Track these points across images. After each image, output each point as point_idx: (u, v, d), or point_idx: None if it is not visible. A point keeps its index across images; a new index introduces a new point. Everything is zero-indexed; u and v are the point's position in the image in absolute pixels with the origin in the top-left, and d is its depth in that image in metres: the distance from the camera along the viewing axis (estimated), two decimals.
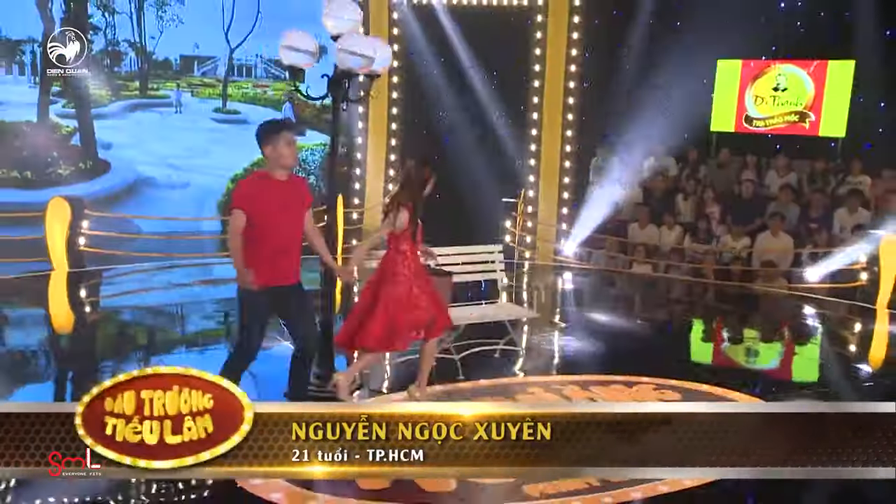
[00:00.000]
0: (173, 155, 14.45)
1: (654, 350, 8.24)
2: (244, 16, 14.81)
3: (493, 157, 15.20)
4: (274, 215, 4.99)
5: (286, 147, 5.13)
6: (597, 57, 14.47)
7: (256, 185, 5.12)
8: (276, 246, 5.04)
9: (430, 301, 5.55)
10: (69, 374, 6.88)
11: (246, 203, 4.97)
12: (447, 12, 15.30)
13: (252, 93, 15.38)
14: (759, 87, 13.79)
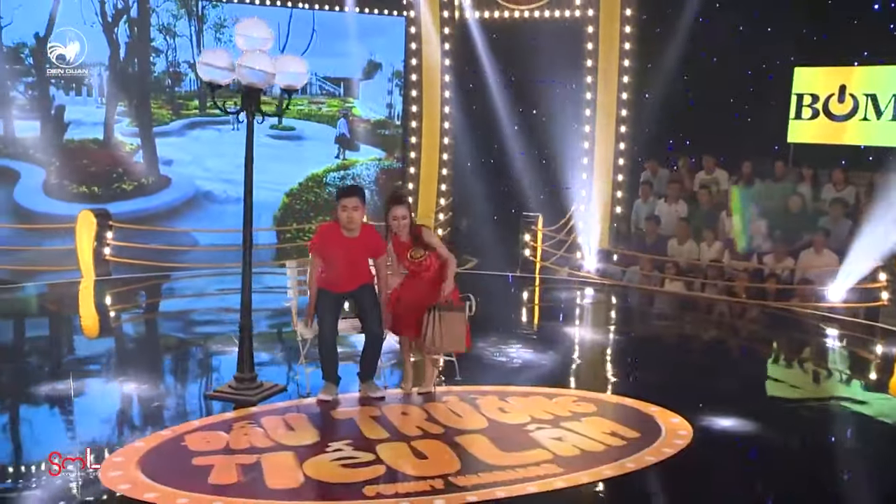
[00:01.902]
0: (230, 170, 14.92)
1: (614, 365, 8.42)
2: (299, 35, 15.26)
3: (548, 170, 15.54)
4: (338, 261, 6.26)
5: (343, 212, 6.23)
6: (657, 68, 14.35)
7: (327, 234, 6.36)
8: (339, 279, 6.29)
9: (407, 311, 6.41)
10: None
11: (318, 248, 6.35)
12: (500, 26, 15.73)
13: (307, 109, 15.83)
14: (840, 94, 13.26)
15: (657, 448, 5.53)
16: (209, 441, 5.45)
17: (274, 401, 6.33)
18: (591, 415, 6.15)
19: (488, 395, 6.62)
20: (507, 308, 11.12)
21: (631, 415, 6.22)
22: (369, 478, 4.94)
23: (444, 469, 5.09)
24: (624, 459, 5.32)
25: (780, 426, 6.26)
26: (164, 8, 14.60)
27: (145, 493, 4.70)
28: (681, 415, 6.14)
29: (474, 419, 6.02)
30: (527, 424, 5.90)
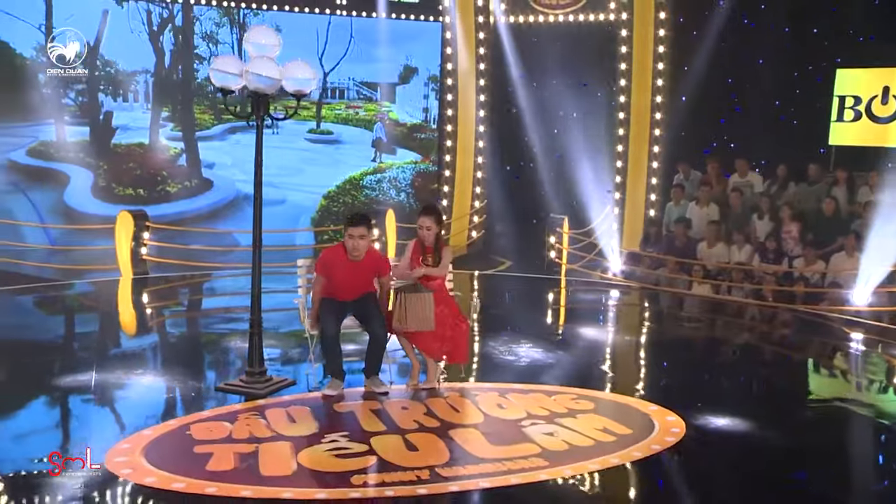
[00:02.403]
0: (270, 173, 14.97)
1: (621, 365, 8.45)
2: (337, 41, 15.60)
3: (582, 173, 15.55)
4: (342, 283, 6.52)
5: (349, 240, 6.46)
6: (694, 70, 14.24)
7: (331, 259, 6.55)
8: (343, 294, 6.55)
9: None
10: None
11: (322, 270, 6.55)
12: (534, 30, 15.81)
13: (344, 114, 16.13)
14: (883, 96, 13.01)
15: (646, 444, 5.60)
16: (213, 431, 5.69)
17: (283, 394, 6.58)
18: (587, 412, 6.23)
19: (490, 391, 6.76)
20: (525, 309, 11.28)
21: (627, 413, 6.30)
22: (359, 468, 5.11)
23: (433, 461, 5.24)
24: (610, 455, 5.40)
25: (775, 427, 6.23)
26: (207, 16, 15.08)
27: (145, 478, 4.95)
28: (678, 414, 6.19)
29: (471, 414, 6.17)
30: (521, 420, 6.01)
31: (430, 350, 6.61)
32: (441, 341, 6.62)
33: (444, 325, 6.63)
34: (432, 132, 16.49)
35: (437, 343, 6.61)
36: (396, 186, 16.37)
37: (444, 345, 6.65)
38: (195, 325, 10.38)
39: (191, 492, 4.78)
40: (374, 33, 15.65)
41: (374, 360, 6.60)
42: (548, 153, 15.51)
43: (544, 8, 15.63)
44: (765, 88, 13.77)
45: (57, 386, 6.81)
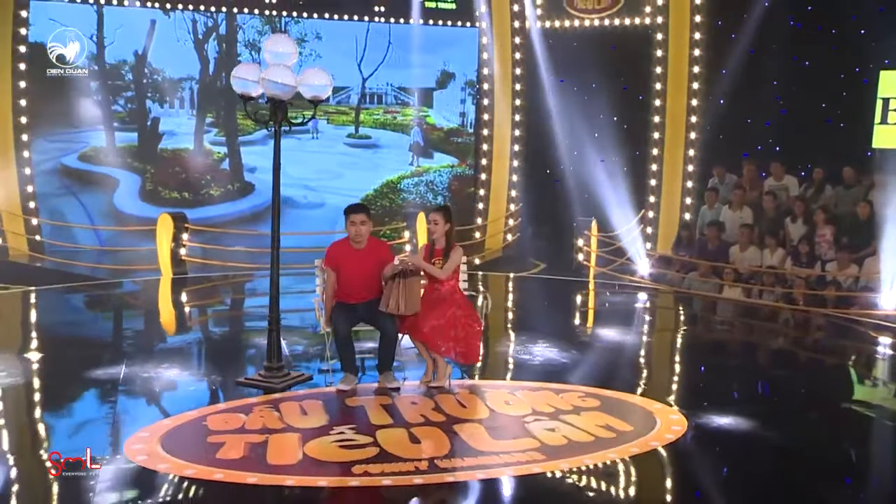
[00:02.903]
0: (309, 177, 15.68)
1: (637, 365, 8.45)
2: (375, 47, 15.89)
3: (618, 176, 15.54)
4: (350, 272, 6.77)
5: (351, 227, 6.80)
6: (733, 73, 14.14)
7: (338, 249, 6.88)
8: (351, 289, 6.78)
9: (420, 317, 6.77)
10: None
11: (330, 262, 6.85)
12: (570, 35, 15.87)
13: (382, 118, 16.39)
14: None
15: (645, 441, 5.68)
16: (227, 422, 5.93)
17: (299, 388, 6.81)
18: (592, 409, 6.33)
19: (499, 389, 6.91)
20: (546, 310, 11.42)
21: (631, 411, 6.37)
22: (361, 458, 5.29)
23: (434, 453, 5.40)
24: (608, 450, 5.50)
25: (777, 427, 6.23)
26: (249, 25, 15.51)
27: (158, 464, 5.20)
28: (682, 412, 6.26)
29: (478, 410, 6.31)
30: (526, 416, 6.14)
31: (439, 350, 6.76)
32: (454, 341, 6.76)
33: (455, 326, 6.77)
34: (469, 136, 16.66)
35: (447, 343, 6.75)
36: (433, 190, 16.58)
37: (456, 345, 6.78)
38: (225, 323, 10.76)
39: (199, 478, 5.01)
40: (412, 39, 15.91)
41: (386, 356, 6.79)
42: (589, 157, 15.51)
43: (580, 13, 15.69)
44: (810, 91, 13.60)
45: (89, 378, 7.13)
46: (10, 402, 6.56)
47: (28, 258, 13.93)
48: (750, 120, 14.13)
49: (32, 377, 7.35)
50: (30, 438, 5.92)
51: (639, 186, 15.19)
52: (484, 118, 16.33)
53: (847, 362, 9.29)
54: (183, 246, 12.75)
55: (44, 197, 14.58)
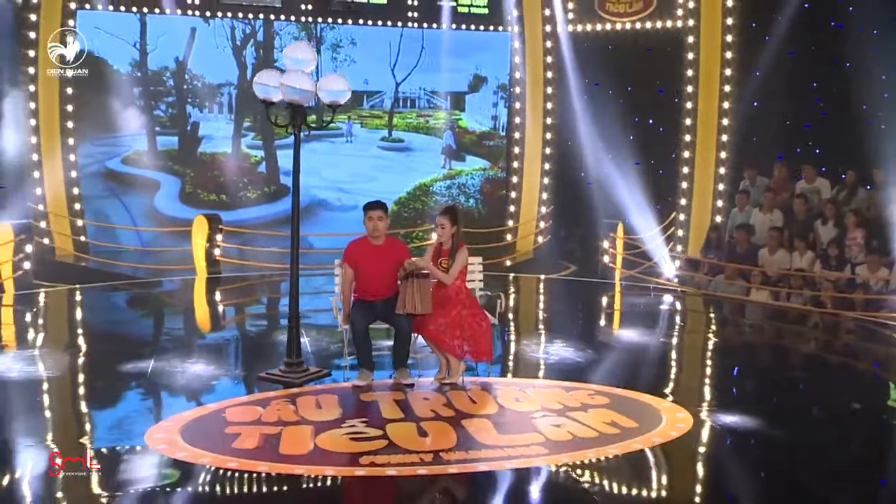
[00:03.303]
0: (343, 180, 15.97)
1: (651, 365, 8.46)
2: (409, 52, 16.12)
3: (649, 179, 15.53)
4: (368, 268, 6.97)
5: (369, 222, 7.04)
6: (767, 75, 14.01)
7: (356, 246, 7.09)
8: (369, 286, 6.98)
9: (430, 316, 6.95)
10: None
11: (348, 258, 7.03)
12: (601, 38, 15.92)
13: (415, 122, 16.60)
14: None
15: (648, 438, 5.78)
16: (245, 414, 6.16)
17: (317, 383, 7.02)
18: (600, 407, 6.44)
19: (511, 386, 7.05)
20: (568, 311, 11.56)
21: (639, 408, 6.45)
22: (370, 450, 5.47)
23: (440, 446, 5.55)
24: (610, 445, 5.62)
25: (785, 426, 6.28)
26: (286, 31, 15.82)
27: (177, 452, 5.45)
28: (688, 411, 6.34)
29: (488, 406, 6.46)
30: (534, 412, 6.27)
31: (450, 349, 6.92)
32: (461, 339, 6.91)
33: (461, 325, 6.92)
34: (501, 139, 16.80)
35: (456, 342, 6.91)
36: (465, 192, 16.75)
37: (464, 343, 6.93)
38: (253, 321, 11.05)
39: (214, 465, 5.25)
40: (445, 44, 16.10)
41: (400, 353, 6.97)
42: (623, 160, 15.49)
43: (612, 16, 15.73)
44: (851, 92, 13.44)
45: (120, 371, 7.45)
46: (45, 392, 6.91)
47: (73, 258, 14.43)
48: (789, 122, 13.94)
49: (69, 370, 7.74)
50: (61, 426, 6.22)
51: (672, 189, 15.21)
52: (516, 121, 16.46)
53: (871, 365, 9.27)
54: (217, 246, 13.11)
55: (89, 199, 15.09)
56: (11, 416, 6.32)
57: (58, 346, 8.92)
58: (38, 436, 5.81)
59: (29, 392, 6.90)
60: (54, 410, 6.60)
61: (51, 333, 9.85)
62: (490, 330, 7.15)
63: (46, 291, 11.83)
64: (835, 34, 13.69)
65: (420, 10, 16.00)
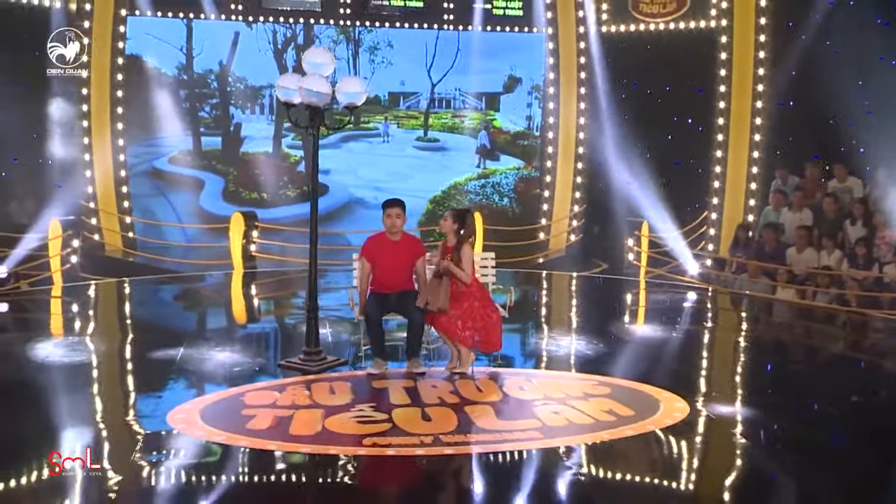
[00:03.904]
0: (380, 179, 16.35)
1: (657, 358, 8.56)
2: (444, 54, 16.42)
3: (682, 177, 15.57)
4: (385, 263, 7.29)
5: (387, 219, 7.35)
6: (805, 75, 13.92)
7: (374, 242, 7.41)
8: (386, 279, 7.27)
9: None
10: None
11: (366, 252, 7.37)
12: (636, 39, 16.00)
13: (451, 122, 16.90)
14: None
15: (642, 425, 5.98)
16: (262, 398, 6.52)
17: (334, 371, 7.35)
18: (601, 396, 6.65)
19: (517, 376, 7.29)
20: (588, 307, 11.87)
21: (638, 398, 6.63)
22: (374, 432, 5.77)
23: (440, 429, 5.82)
24: (603, 431, 5.83)
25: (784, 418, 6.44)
26: (326, 35, 16.27)
27: (195, 431, 5.83)
28: (686, 400, 6.52)
29: (492, 394, 6.71)
30: (535, 401, 6.50)
31: (460, 339, 7.19)
32: (472, 331, 7.18)
33: (473, 317, 7.19)
34: (535, 139, 16.99)
35: (468, 332, 7.18)
36: (500, 191, 16.99)
37: (475, 334, 7.20)
38: (281, 312, 11.45)
39: (227, 443, 5.61)
40: (480, 46, 16.36)
41: (413, 343, 7.27)
42: (661, 159, 15.54)
43: (646, 17, 15.82)
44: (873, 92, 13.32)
45: (152, 357, 7.92)
46: (81, 375, 7.38)
47: (122, 253, 15.08)
48: (832, 121, 13.53)
49: (106, 356, 8.23)
50: (98, 406, 6.68)
51: (705, 188, 15.25)
52: (549, 121, 16.64)
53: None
54: (253, 242, 13.58)
55: (137, 197, 15.73)
56: (53, 396, 6.80)
57: (98, 334, 9.47)
58: (76, 414, 6.28)
59: (68, 375, 7.36)
60: (87, 392, 7.02)
61: (93, 323, 10.40)
62: (500, 322, 7.41)
63: (93, 284, 12.43)
64: (880, 32, 13.49)
65: (456, 13, 16.28)
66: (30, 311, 10.80)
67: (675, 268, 13.79)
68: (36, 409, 6.41)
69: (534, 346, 8.99)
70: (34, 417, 6.16)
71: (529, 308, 11.64)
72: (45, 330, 9.63)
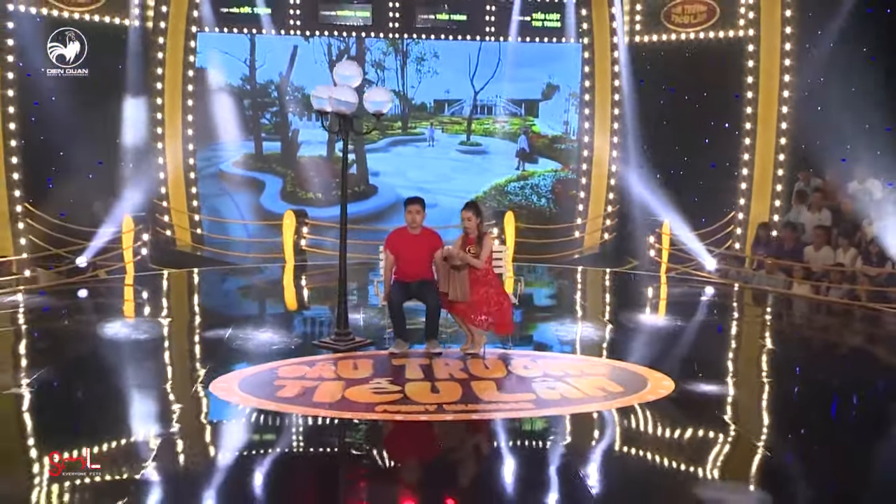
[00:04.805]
0: (425, 180, 16.81)
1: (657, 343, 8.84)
2: (486, 64, 16.83)
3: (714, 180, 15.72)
4: (406, 254, 7.81)
5: (408, 215, 7.89)
6: (833, 81, 13.85)
7: (396, 235, 7.94)
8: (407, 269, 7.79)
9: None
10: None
11: (389, 244, 7.91)
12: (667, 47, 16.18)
13: (492, 128, 17.32)
14: None
15: (627, 400, 6.36)
16: (293, 371, 7.09)
17: (360, 350, 7.88)
18: (597, 375, 7.05)
19: (524, 357, 7.72)
20: (604, 297, 12.40)
21: (629, 377, 7.00)
22: (386, 401, 6.28)
23: (445, 400, 6.30)
24: (591, 404, 6.24)
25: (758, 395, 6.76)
26: (376, 47, 16.86)
27: (232, 398, 6.43)
28: (673, 380, 6.87)
29: (498, 371, 7.15)
30: (536, 378, 6.93)
31: (475, 322, 7.64)
32: (486, 315, 7.62)
33: (488, 302, 7.63)
34: (572, 143, 17.29)
35: (482, 317, 7.62)
36: (538, 192, 17.34)
37: (488, 317, 7.64)
38: (322, 299, 11.93)
39: (258, 407, 6.20)
40: (519, 55, 16.76)
41: (431, 326, 7.75)
42: (697, 162, 15.72)
43: (677, 27, 16.00)
44: None
45: (203, 336, 8.68)
46: (140, 351, 8.08)
47: (191, 248, 15.94)
48: (868, 125, 13.34)
49: (164, 335, 8.94)
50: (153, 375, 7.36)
51: (732, 189, 15.38)
52: (585, 126, 16.94)
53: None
54: (303, 238, 14.26)
55: (205, 197, 16.56)
56: (120, 367, 7.58)
57: (161, 316, 10.21)
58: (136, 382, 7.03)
59: (133, 350, 8.09)
60: (146, 365, 7.69)
61: (158, 307, 11.20)
62: (511, 308, 7.85)
63: (162, 273, 13.28)
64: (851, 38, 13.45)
65: (497, 25, 16.70)
66: (105, 297, 11.63)
67: (695, 265, 13.99)
68: (108, 377, 7.19)
69: (546, 330, 9.40)
70: (107, 383, 6.95)
71: (550, 299, 12.19)
72: (118, 313, 10.43)
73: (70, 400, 6.55)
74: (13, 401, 6.39)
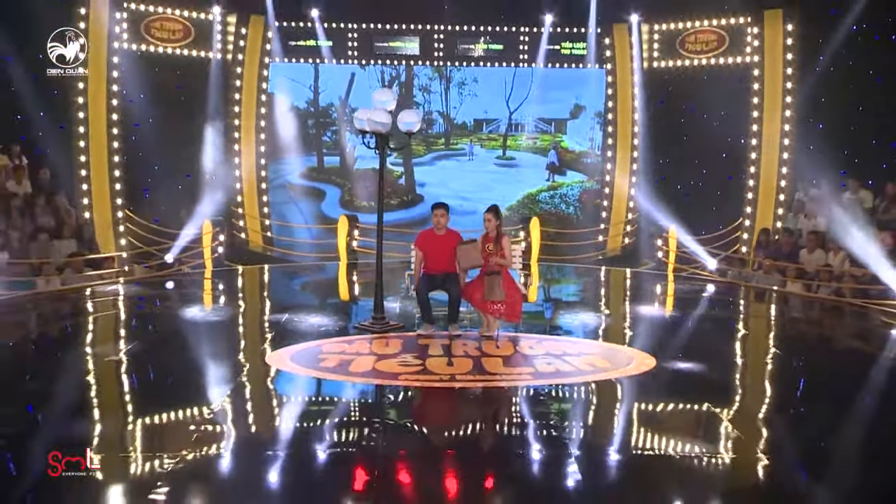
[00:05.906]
0: (465, 190, 17.45)
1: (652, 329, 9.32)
2: (520, 87, 17.43)
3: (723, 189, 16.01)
4: (433, 252, 8.41)
5: (434, 218, 8.52)
6: (832, 100, 14.07)
7: (424, 235, 8.57)
8: (434, 264, 8.41)
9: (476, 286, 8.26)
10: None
11: (419, 243, 8.54)
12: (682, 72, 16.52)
13: (525, 143, 17.90)
14: None
15: (609, 374, 6.89)
16: (335, 347, 7.78)
17: (393, 332, 8.53)
18: (591, 354, 7.57)
19: (531, 339, 8.27)
20: (609, 292, 12.85)
21: (617, 356, 7.52)
22: (408, 371, 6.93)
23: (457, 372, 6.91)
24: (579, 377, 6.79)
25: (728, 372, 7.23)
26: (423, 73, 17.58)
27: (283, 367, 7.17)
28: (656, 358, 7.37)
29: (507, 350, 7.72)
30: (538, 356, 7.49)
31: (490, 311, 8.20)
32: (499, 304, 8.19)
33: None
34: (597, 157, 17.73)
35: (496, 306, 8.18)
36: (566, 201, 17.83)
37: (501, 307, 8.21)
38: (365, 292, 12.43)
39: (303, 374, 6.93)
40: (550, 80, 17.33)
41: (453, 312, 8.36)
42: (715, 174, 16.03)
43: (691, 53, 16.36)
44: None
45: (264, 319, 9.48)
46: (216, 330, 8.91)
47: (262, 248, 16.88)
48: (875, 142, 13.75)
49: (233, 318, 9.77)
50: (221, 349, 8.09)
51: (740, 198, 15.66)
52: (609, 142, 17.37)
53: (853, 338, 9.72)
54: (355, 240, 15.03)
55: (274, 205, 17.50)
56: (197, 343, 8.40)
57: (233, 304, 11.11)
58: (209, 354, 7.84)
59: (208, 329, 8.94)
60: (216, 341, 8.50)
61: (231, 296, 12.07)
62: (521, 300, 8.40)
63: (236, 269, 14.21)
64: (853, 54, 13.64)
65: (529, 53, 17.29)
66: (187, 287, 12.61)
67: (699, 265, 14.33)
68: (187, 349, 8.05)
69: (552, 317, 10.01)
70: (186, 354, 7.81)
71: (564, 294, 12.71)
72: (197, 300, 11.37)
73: (157, 366, 7.32)
74: (113, 365, 7.27)
